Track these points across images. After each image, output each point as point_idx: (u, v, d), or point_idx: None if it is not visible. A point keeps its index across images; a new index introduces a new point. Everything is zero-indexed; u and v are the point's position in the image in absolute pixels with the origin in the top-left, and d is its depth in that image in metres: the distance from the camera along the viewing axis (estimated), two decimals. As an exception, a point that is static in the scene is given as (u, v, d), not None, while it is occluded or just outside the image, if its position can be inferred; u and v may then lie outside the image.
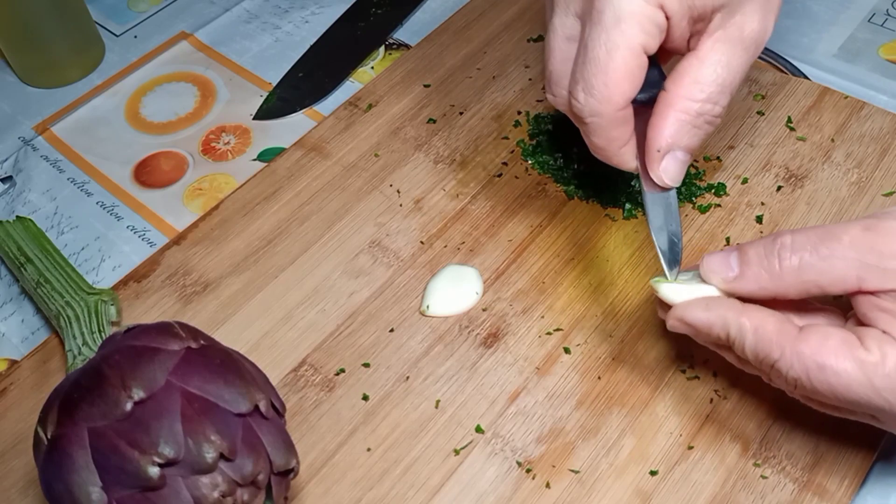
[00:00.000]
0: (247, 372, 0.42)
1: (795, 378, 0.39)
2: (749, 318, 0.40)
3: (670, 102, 0.44)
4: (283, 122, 0.67)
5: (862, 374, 0.37)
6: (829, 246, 0.39)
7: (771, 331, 0.39)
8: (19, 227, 0.55)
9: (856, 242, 0.38)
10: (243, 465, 0.39)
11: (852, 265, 0.38)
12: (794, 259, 0.39)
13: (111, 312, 0.51)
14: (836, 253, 0.38)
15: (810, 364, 0.38)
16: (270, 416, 0.41)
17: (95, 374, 0.40)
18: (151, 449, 0.37)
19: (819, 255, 0.39)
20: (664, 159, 0.44)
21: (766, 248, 0.40)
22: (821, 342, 0.38)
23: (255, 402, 0.40)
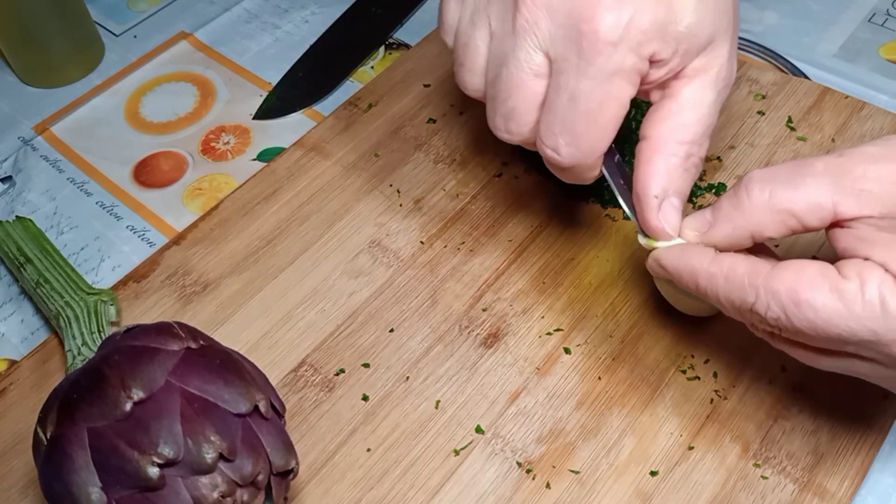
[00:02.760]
0: (246, 372, 0.42)
1: (775, 319, 0.37)
2: (719, 265, 0.39)
3: (657, 148, 0.43)
4: (282, 122, 0.66)
5: (842, 304, 0.35)
6: (801, 173, 0.37)
7: (741, 273, 0.38)
8: (19, 227, 0.55)
9: (829, 167, 0.37)
10: (243, 466, 0.39)
11: (827, 190, 0.36)
12: (765, 191, 0.38)
13: (111, 313, 0.51)
14: (808, 179, 0.37)
15: (786, 301, 0.36)
16: (270, 417, 0.41)
17: (95, 375, 0.40)
18: (151, 449, 0.37)
19: (791, 184, 0.37)
20: (662, 208, 0.43)
21: (735, 189, 0.40)
22: (795, 276, 0.36)
23: (254, 403, 0.40)
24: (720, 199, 0.41)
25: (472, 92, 0.46)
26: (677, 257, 0.41)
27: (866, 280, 0.35)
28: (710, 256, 0.40)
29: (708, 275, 0.39)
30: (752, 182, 0.39)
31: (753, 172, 0.39)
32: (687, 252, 0.41)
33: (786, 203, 0.38)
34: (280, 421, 0.42)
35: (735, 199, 0.39)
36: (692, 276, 0.40)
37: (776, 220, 0.38)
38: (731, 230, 0.40)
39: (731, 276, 0.39)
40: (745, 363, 0.49)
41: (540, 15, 0.40)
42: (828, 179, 0.37)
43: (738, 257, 0.39)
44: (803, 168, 0.37)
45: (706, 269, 0.40)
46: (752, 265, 0.38)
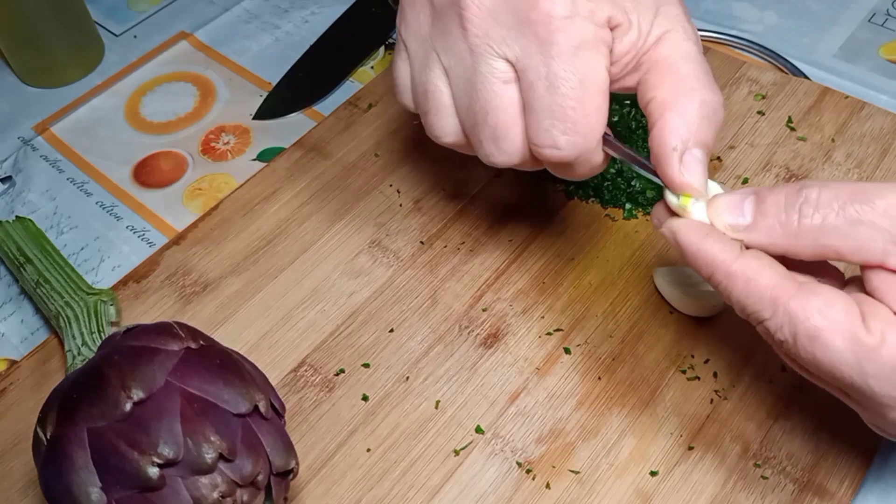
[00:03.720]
0: (246, 372, 0.42)
1: (782, 341, 0.35)
2: (743, 267, 0.36)
3: (666, 105, 0.40)
4: (282, 122, 0.66)
5: (853, 356, 0.34)
6: (859, 209, 0.34)
7: (765, 285, 0.35)
8: (19, 227, 0.55)
9: (891, 210, 0.33)
10: (243, 466, 0.39)
11: (881, 236, 0.34)
12: (817, 217, 0.35)
13: (111, 313, 0.51)
14: (865, 218, 0.34)
15: (801, 331, 0.34)
16: (270, 417, 0.41)
17: (95, 375, 0.40)
18: (151, 449, 0.37)
19: (846, 218, 0.34)
20: (684, 161, 0.39)
21: (787, 200, 0.36)
22: (820, 308, 0.34)
23: (254, 403, 0.40)
24: (766, 198, 0.37)
25: (449, 136, 0.44)
26: (698, 240, 0.37)
27: (887, 341, 0.33)
28: (735, 253, 0.36)
29: (727, 273, 0.36)
30: (808, 205, 0.35)
31: (812, 191, 0.35)
32: (710, 239, 0.37)
33: (834, 240, 0.35)
34: (280, 421, 0.42)
35: (785, 215, 0.36)
36: (709, 266, 0.37)
37: (817, 250, 0.36)
38: (768, 244, 0.37)
39: (752, 283, 0.36)
40: (745, 363, 0.49)
41: (487, 24, 0.39)
42: (886, 224, 0.34)
43: (764, 263, 0.36)
44: (864, 202, 0.34)
45: (728, 265, 0.36)
46: (779, 280, 0.35)
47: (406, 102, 0.46)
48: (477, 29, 0.40)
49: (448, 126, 0.44)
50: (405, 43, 0.44)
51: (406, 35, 0.44)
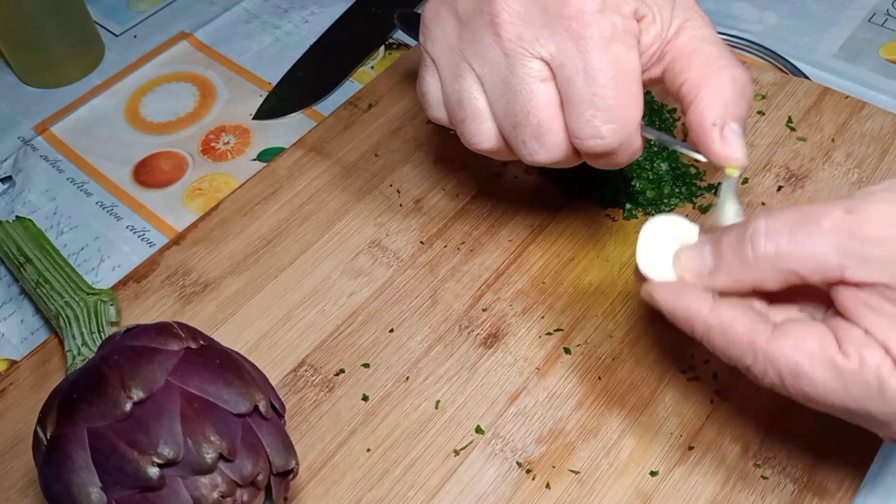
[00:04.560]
0: (246, 372, 0.42)
1: (772, 384, 0.37)
2: (718, 318, 0.38)
3: (699, 84, 0.41)
4: (282, 122, 0.66)
5: (839, 383, 0.35)
6: (807, 230, 0.35)
7: (741, 333, 0.37)
8: (19, 227, 0.55)
9: (837, 226, 0.35)
10: (243, 466, 0.39)
11: (833, 252, 0.35)
12: (770, 246, 0.36)
13: (111, 313, 0.51)
14: (815, 238, 0.35)
15: (785, 371, 0.36)
16: (270, 417, 0.41)
17: (95, 375, 0.40)
18: (151, 449, 0.37)
19: (797, 242, 0.35)
20: (724, 135, 0.41)
21: (738, 236, 0.38)
22: (795, 346, 0.36)
23: (254, 403, 0.40)
24: (722, 243, 0.39)
25: (488, 140, 0.45)
26: (673, 298, 0.39)
27: (866, 360, 0.34)
28: (709, 305, 0.38)
29: (705, 325, 0.38)
30: (757, 235, 0.37)
31: (758, 223, 0.37)
32: (684, 296, 0.39)
33: (790, 263, 0.36)
34: (280, 421, 0.42)
35: (738, 250, 0.37)
36: (687, 321, 0.39)
37: (779, 277, 0.37)
38: (732, 282, 0.38)
39: (729, 332, 0.37)
40: (745, 363, 0.49)
41: (519, 27, 0.41)
42: (835, 240, 0.35)
43: (737, 311, 0.38)
44: (810, 224, 0.35)
45: (703, 318, 0.38)
46: (752, 325, 0.37)
47: (439, 116, 0.47)
48: (510, 33, 0.41)
49: (487, 131, 0.45)
50: (432, 57, 0.45)
51: (433, 49, 0.45)
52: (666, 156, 0.57)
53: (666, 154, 0.57)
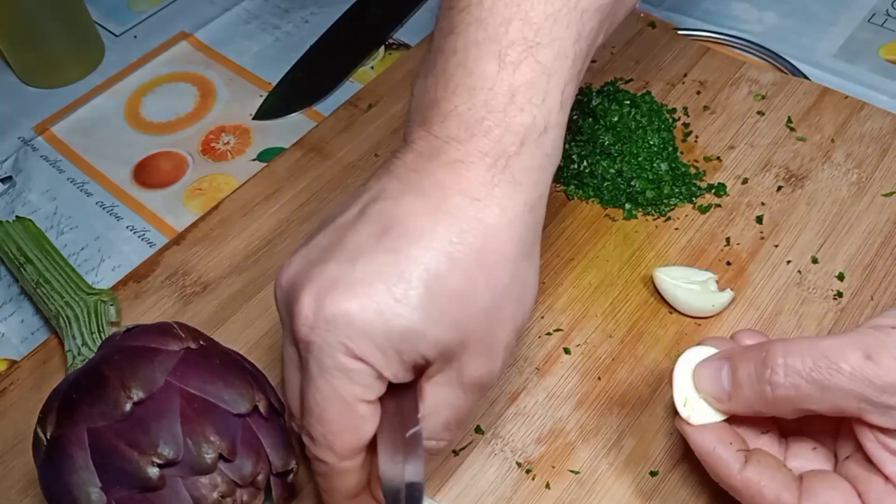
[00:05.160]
0: (246, 372, 0.42)
1: None
2: (746, 481, 0.38)
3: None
4: (282, 122, 0.66)
5: None
6: (826, 374, 0.36)
7: (770, 498, 0.38)
8: (19, 227, 0.55)
9: (856, 374, 0.35)
10: (243, 466, 0.39)
11: (854, 398, 0.35)
12: (789, 387, 0.37)
13: (111, 313, 0.51)
14: (834, 383, 0.36)
15: None
16: (270, 417, 0.41)
17: (95, 375, 0.40)
18: (151, 449, 0.37)
19: (815, 385, 0.36)
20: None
21: (756, 372, 0.38)
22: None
23: (254, 403, 0.40)
24: (738, 368, 0.39)
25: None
26: (708, 448, 0.39)
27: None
28: (740, 464, 0.38)
29: (732, 486, 0.39)
30: (776, 374, 0.37)
31: (777, 359, 0.37)
32: (718, 449, 0.39)
33: (808, 404, 0.37)
34: (280, 421, 0.42)
35: (757, 386, 0.38)
36: (717, 474, 0.39)
37: (797, 413, 0.38)
38: (751, 412, 0.39)
39: (757, 498, 0.38)
40: (744, 363, 0.49)
41: (281, 307, 0.39)
42: (855, 387, 0.35)
43: (765, 474, 0.38)
44: (829, 367, 0.36)
45: (734, 477, 0.38)
46: (779, 494, 0.37)
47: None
48: (278, 312, 0.39)
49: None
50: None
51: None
52: (666, 156, 0.57)
53: (666, 154, 0.57)
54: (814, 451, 0.41)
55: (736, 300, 0.52)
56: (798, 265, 0.54)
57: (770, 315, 0.52)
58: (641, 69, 0.66)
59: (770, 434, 0.41)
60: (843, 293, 0.52)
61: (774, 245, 0.55)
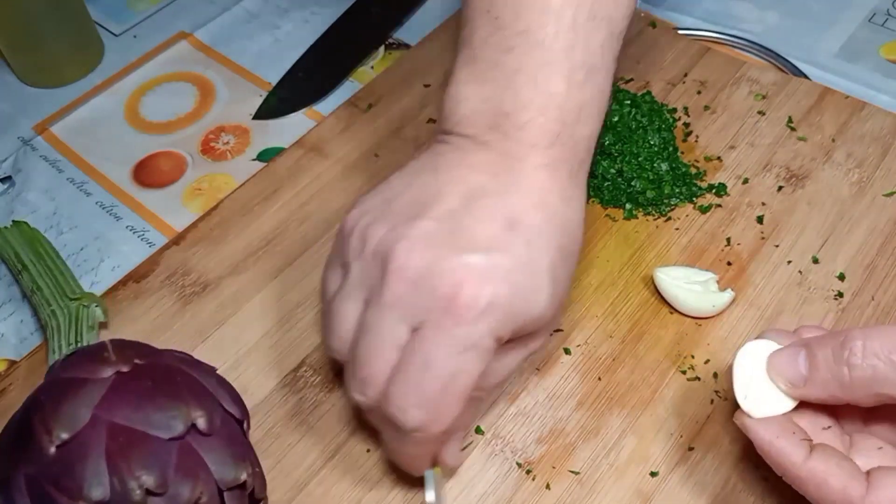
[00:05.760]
0: (184, 387, 0.40)
1: None
2: (811, 471, 0.38)
3: None
4: (282, 122, 0.66)
5: None
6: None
7: (836, 489, 0.37)
8: (16, 231, 0.55)
9: None
10: (179, 494, 0.37)
11: None
12: (867, 368, 0.37)
13: (96, 314, 0.50)
14: None
15: None
16: (215, 430, 0.39)
17: (24, 418, 0.39)
18: (78, 493, 0.36)
19: (894, 367, 0.36)
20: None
21: (835, 354, 0.38)
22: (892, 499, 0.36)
23: (190, 422, 0.39)
24: (816, 353, 0.39)
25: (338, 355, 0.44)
26: (769, 439, 0.39)
27: None
28: (804, 455, 0.38)
29: (796, 476, 0.38)
30: (854, 355, 0.37)
31: (856, 343, 0.37)
32: (781, 439, 0.39)
33: (887, 389, 0.37)
34: (237, 428, 0.41)
35: (835, 369, 0.38)
36: (780, 466, 0.39)
37: (875, 399, 0.38)
38: (826, 397, 0.39)
39: (823, 487, 0.37)
40: (745, 363, 0.49)
41: (405, 289, 0.40)
42: None
43: (831, 464, 0.38)
44: None
45: (797, 470, 0.38)
46: (846, 482, 0.37)
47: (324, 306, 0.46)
48: (395, 288, 0.40)
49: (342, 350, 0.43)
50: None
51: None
52: (666, 156, 0.57)
53: (666, 154, 0.57)
54: (880, 451, 0.40)
55: (737, 300, 0.52)
56: (799, 265, 0.54)
57: (771, 315, 0.51)
58: (642, 69, 0.66)
59: (833, 430, 0.41)
60: (844, 293, 0.52)
61: (775, 245, 0.55)
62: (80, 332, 0.48)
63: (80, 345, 0.47)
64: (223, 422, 0.41)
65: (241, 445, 0.41)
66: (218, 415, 0.40)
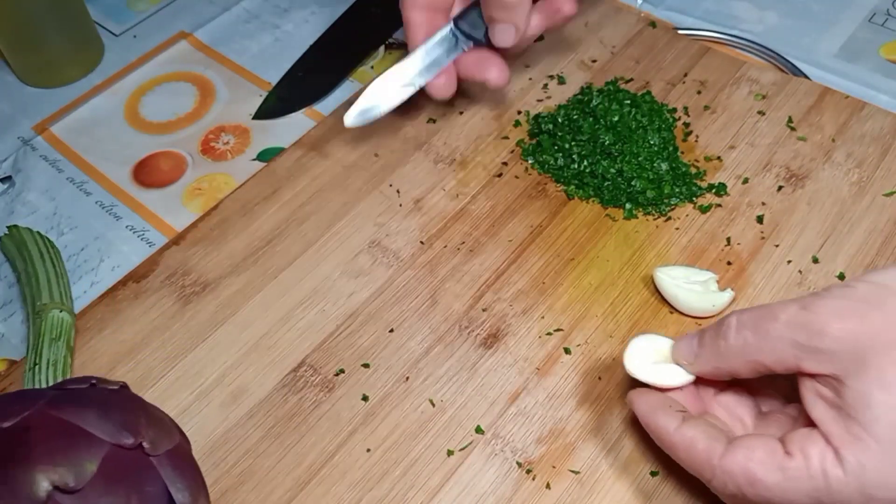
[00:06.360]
0: (41, 448, 0.36)
1: (733, 495, 0.39)
2: (681, 436, 0.41)
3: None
4: (282, 122, 0.66)
5: (790, 482, 0.37)
6: (766, 325, 0.39)
7: (700, 450, 0.40)
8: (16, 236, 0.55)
9: (790, 321, 0.38)
10: None
11: (788, 345, 0.38)
12: (739, 339, 0.40)
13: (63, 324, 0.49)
14: (772, 332, 0.38)
15: (741, 482, 0.38)
16: (85, 480, 0.36)
17: None
18: None
19: (759, 335, 0.39)
20: None
21: (715, 330, 0.41)
22: (746, 458, 0.38)
23: (48, 486, 0.35)
24: (703, 332, 0.42)
25: None
26: (647, 411, 0.43)
27: (809, 455, 0.37)
28: (675, 424, 0.41)
29: (670, 442, 0.41)
30: (729, 328, 0.40)
31: (731, 318, 0.40)
32: (655, 412, 0.43)
33: (755, 355, 0.39)
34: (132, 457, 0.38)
35: (715, 340, 0.41)
36: (656, 434, 0.43)
37: (749, 367, 0.40)
38: (712, 369, 0.42)
39: (691, 450, 0.40)
40: (745, 363, 0.49)
41: None
42: (788, 336, 0.38)
43: (698, 431, 0.41)
44: (770, 319, 0.39)
45: (670, 437, 0.41)
46: (709, 444, 0.40)
47: None
48: None
49: None
50: None
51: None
52: (666, 156, 0.57)
53: (666, 154, 0.57)
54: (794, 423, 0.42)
55: (737, 300, 0.52)
56: (799, 265, 0.54)
57: (771, 315, 0.51)
58: (642, 69, 0.66)
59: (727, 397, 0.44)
60: (844, 293, 0.52)
61: (775, 245, 0.55)
62: (41, 346, 0.47)
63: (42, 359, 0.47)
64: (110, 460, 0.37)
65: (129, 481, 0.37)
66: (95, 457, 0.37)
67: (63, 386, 0.41)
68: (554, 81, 0.66)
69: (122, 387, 0.42)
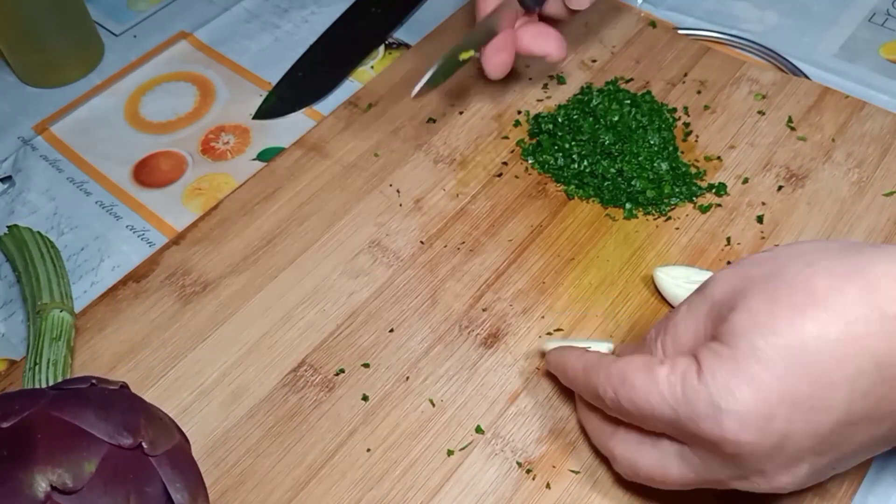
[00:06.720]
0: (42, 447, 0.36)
1: (611, 399, 0.40)
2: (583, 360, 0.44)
3: None
4: (282, 122, 0.66)
5: (652, 384, 0.38)
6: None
7: (594, 364, 0.42)
8: (17, 236, 0.55)
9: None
10: None
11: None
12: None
13: (64, 324, 0.49)
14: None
15: (616, 382, 0.40)
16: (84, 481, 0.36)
17: None
18: None
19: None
20: None
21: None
22: (626, 362, 0.40)
23: (47, 486, 0.35)
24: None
25: None
26: (556, 353, 0.47)
27: (675, 365, 0.38)
28: (578, 353, 0.45)
29: (573, 368, 0.44)
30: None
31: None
32: (564, 350, 0.46)
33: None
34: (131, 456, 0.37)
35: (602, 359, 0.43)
36: (563, 369, 0.45)
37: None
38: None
39: (587, 367, 0.43)
40: (745, 363, 0.49)
41: None
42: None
43: (592, 355, 0.44)
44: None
45: (573, 363, 0.44)
46: (603, 358, 0.43)
47: None
48: None
49: None
50: None
51: None
52: (666, 155, 0.57)
53: (666, 154, 0.57)
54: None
55: (736, 300, 0.52)
56: (799, 265, 0.53)
57: (770, 315, 0.51)
58: (642, 69, 0.66)
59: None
60: (844, 293, 0.52)
61: (775, 245, 0.55)
62: (41, 346, 0.48)
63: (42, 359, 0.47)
64: (109, 460, 0.37)
65: (128, 481, 0.37)
66: (93, 457, 0.37)
67: (63, 386, 0.41)
68: (554, 81, 0.66)
69: (122, 387, 0.42)
